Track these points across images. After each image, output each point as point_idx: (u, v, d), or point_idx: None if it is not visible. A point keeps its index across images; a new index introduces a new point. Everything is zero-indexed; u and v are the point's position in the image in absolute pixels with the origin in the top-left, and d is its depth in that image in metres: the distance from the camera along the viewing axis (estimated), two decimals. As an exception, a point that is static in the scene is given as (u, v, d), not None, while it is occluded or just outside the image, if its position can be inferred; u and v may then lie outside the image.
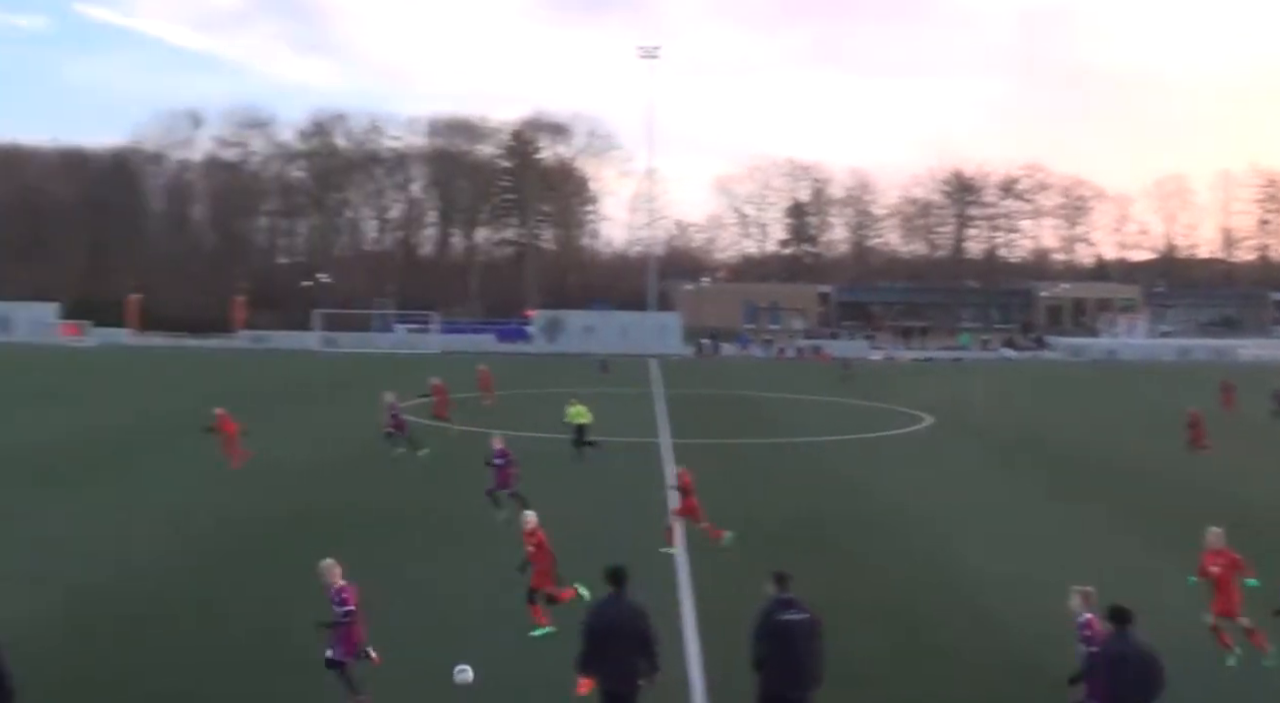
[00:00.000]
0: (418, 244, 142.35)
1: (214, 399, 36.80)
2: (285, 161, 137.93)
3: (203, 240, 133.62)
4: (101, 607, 18.23)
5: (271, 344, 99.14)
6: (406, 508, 26.60)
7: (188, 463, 32.10)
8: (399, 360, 78.38)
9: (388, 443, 34.42)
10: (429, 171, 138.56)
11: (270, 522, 25.07)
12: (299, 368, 73.39)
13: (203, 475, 30.29)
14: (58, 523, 24.36)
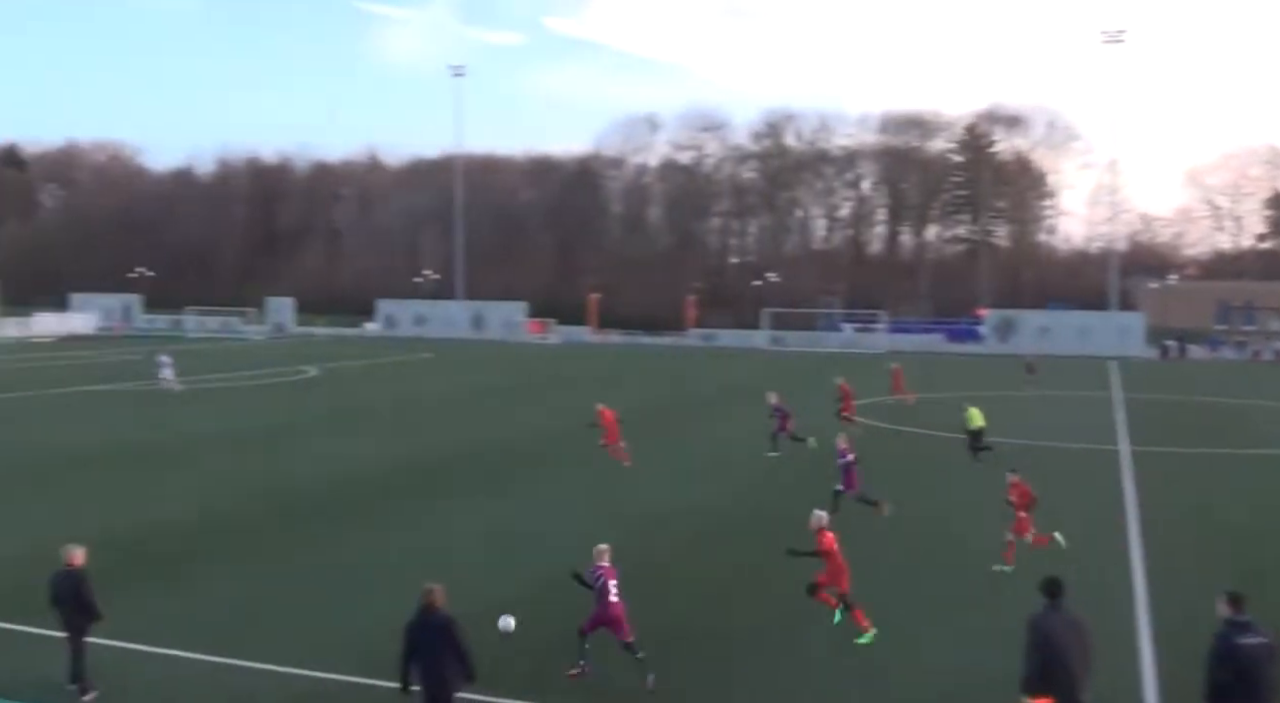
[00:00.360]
0: (866, 242, 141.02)
1: (662, 397, 37.26)
2: (737, 163, 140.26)
3: (658, 241, 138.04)
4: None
5: (721, 342, 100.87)
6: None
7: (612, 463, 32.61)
8: (844, 360, 77.41)
9: (772, 443, 34.44)
10: (879, 169, 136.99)
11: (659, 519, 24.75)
12: (745, 366, 74.00)
13: (636, 473, 30.63)
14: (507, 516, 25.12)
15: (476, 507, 26.80)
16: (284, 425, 41.54)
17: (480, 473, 31.28)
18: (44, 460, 32.89)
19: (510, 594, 18.61)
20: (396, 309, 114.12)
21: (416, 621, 12.57)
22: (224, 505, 26.75)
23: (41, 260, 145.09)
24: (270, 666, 15.71)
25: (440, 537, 23.73)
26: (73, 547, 15.10)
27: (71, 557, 14.94)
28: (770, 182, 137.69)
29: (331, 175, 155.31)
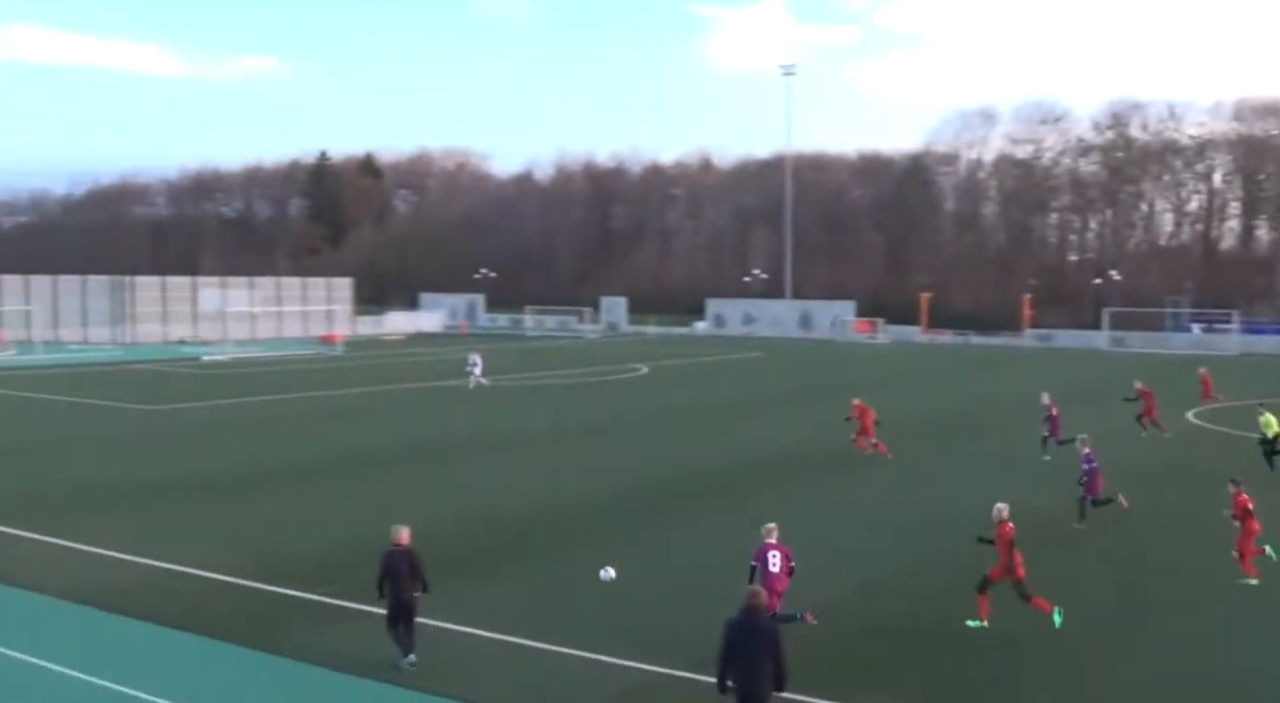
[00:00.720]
0: (1218, 238, 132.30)
1: (993, 396, 36.14)
2: (1078, 155, 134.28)
3: (992, 238, 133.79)
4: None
5: (1057, 343, 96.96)
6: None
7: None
8: (1190, 362, 72.87)
9: (1042, 448, 33.35)
10: (1232, 159, 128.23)
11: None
12: (1081, 367, 70.78)
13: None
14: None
15: (803, 505, 26.56)
16: (615, 421, 42.44)
17: (807, 470, 31.03)
18: (381, 452, 34.76)
19: (834, 595, 18.30)
20: (725, 308, 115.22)
21: (738, 621, 12.43)
22: (556, 498, 27.52)
23: (394, 262, 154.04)
24: (595, 655, 15.99)
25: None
26: (400, 527, 16.16)
27: (399, 536, 15.98)
28: (1113, 175, 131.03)
29: (664, 177, 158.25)
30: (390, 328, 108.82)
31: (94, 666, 15.32)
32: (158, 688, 14.54)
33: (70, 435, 38.18)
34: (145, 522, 24.65)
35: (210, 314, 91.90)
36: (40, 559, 21.28)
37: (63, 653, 15.81)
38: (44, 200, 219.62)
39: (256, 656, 16.06)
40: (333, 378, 59.34)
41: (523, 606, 18.51)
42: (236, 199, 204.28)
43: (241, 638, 16.68)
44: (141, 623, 17.48)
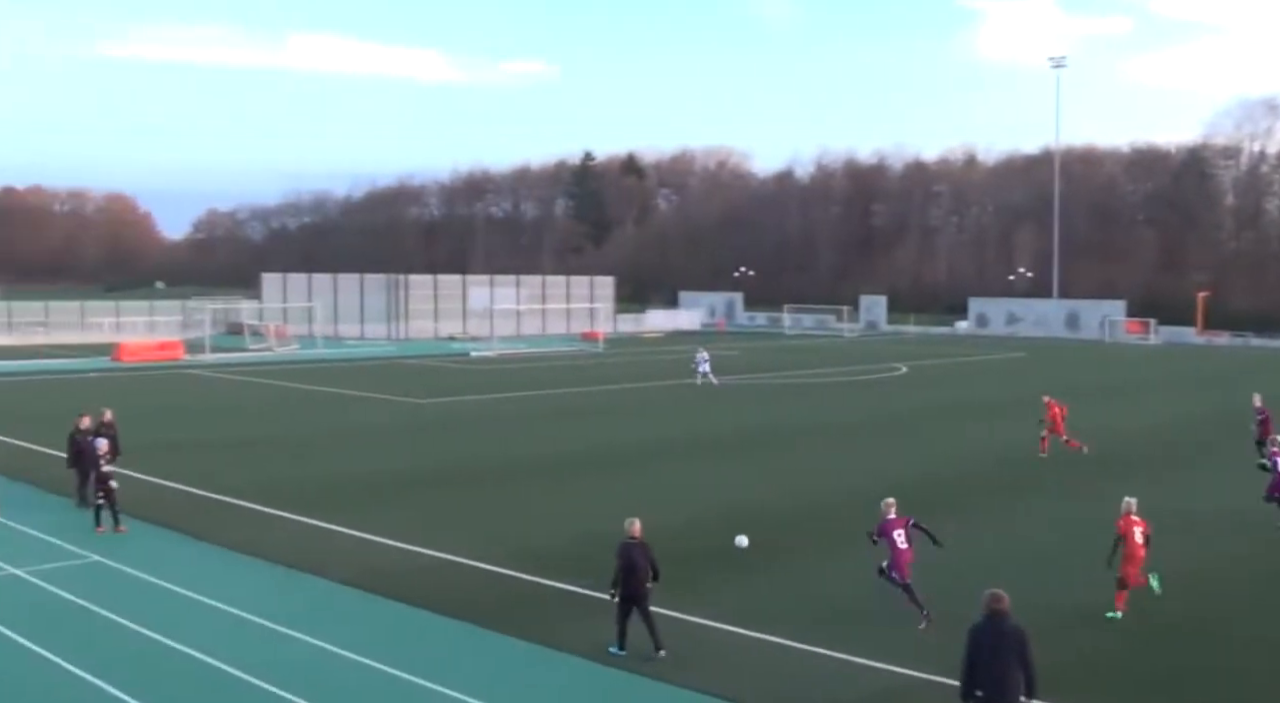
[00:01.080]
0: None
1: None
2: None
3: (1275, 236, 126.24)
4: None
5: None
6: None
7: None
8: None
9: (1258, 450, 30.83)
10: None
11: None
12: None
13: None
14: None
15: (1052, 511, 25.80)
16: (870, 420, 42.05)
17: (1055, 476, 30.11)
18: (638, 447, 35.36)
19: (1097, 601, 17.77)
20: (988, 308, 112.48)
21: (983, 626, 12.23)
22: (811, 495, 27.49)
23: (655, 261, 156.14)
24: (845, 655, 15.99)
25: (1024, 540, 23.06)
26: (633, 519, 16.73)
27: (633, 529, 16.55)
28: None
29: (926, 173, 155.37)
30: (650, 326, 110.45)
31: (369, 649, 16.21)
32: (429, 673, 15.29)
33: (349, 427, 40.20)
34: (417, 511, 25.80)
35: (478, 311, 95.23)
36: (327, 546, 22.55)
37: (344, 637, 16.76)
38: (326, 202, 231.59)
39: (518, 644, 16.65)
40: (594, 374, 60.68)
41: (775, 602, 18.62)
42: (505, 199, 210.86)
43: (504, 626, 17.30)
44: (414, 609, 18.36)
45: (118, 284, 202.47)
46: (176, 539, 22.84)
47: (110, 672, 15.10)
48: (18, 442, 33.76)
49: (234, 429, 38.85)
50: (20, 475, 28.89)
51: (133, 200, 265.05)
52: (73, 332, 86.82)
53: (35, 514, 24.72)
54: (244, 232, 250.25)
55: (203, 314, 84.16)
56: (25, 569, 20.28)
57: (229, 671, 15.25)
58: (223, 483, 27.88)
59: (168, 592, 19.16)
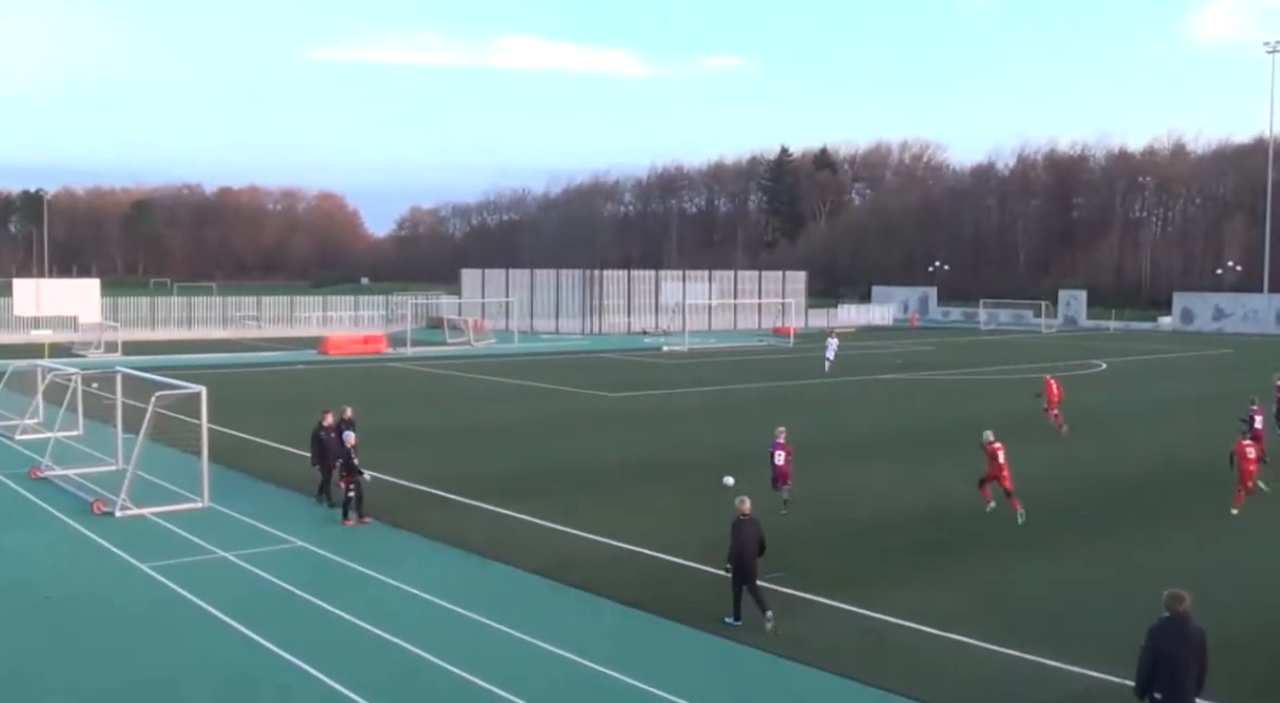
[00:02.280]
0: None
1: None
2: None
3: None
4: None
5: None
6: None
7: None
8: None
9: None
10: None
11: None
12: None
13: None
14: None
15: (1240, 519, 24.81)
16: (1070, 416, 41.01)
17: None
18: (817, 442, 35.20)
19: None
20: (1194, 303, 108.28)
21: (1165, 627, 12.00)
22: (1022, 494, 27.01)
23: (848, 255, 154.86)
24: (1034, 657, 15.71)
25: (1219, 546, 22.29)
26: (743, 497, 17.95)
27: (744, 506, 17.63)
28: None
29: (1130, 164, 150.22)
30: (841, 321, 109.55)
31: (558, 638, 16.61)
32: (615, 664, 15.60)
33: (542, 420, 40.96)
34: (608, 503, 26.23)
35: (671, 306, 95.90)
36: (514, 535, 23.13)
37: (530, 624, 17.20)
38: (524, 199, 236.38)
39: (704, 637, 16.83)
40: (782, 369, 60.52)
41: (963, 602, 18.40)
42: (699, 194, 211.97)
43: (691, 619, 17.47)
44: (600, 599, 18.72)
45: (325, 280, 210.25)
46: (378, 527, 23.69)
47: (313, 654, 15.81)
48: (231, 431, 35.40)
49: (431, 420, 40.01)
50: (233, 463, 30.29)
51: (342, 199, 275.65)
52: (282, 326, 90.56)
53: (246, 501, 25.91)
54: (445, 228, 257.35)
55: (404, 309, 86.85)
56: (234, 553, 21.33)
57: (423, 655, 15.82)
58: (421, 473, 28.76)
59: (368, 577, 19.91)
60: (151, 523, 23.75)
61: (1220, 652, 12.79)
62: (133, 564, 20.58)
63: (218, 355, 67.13)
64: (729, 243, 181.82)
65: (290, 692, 14.65)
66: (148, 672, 15.39)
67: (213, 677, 15.22)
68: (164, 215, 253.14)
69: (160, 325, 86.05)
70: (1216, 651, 12.32)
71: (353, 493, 23.96)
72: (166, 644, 16.47)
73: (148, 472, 26.60)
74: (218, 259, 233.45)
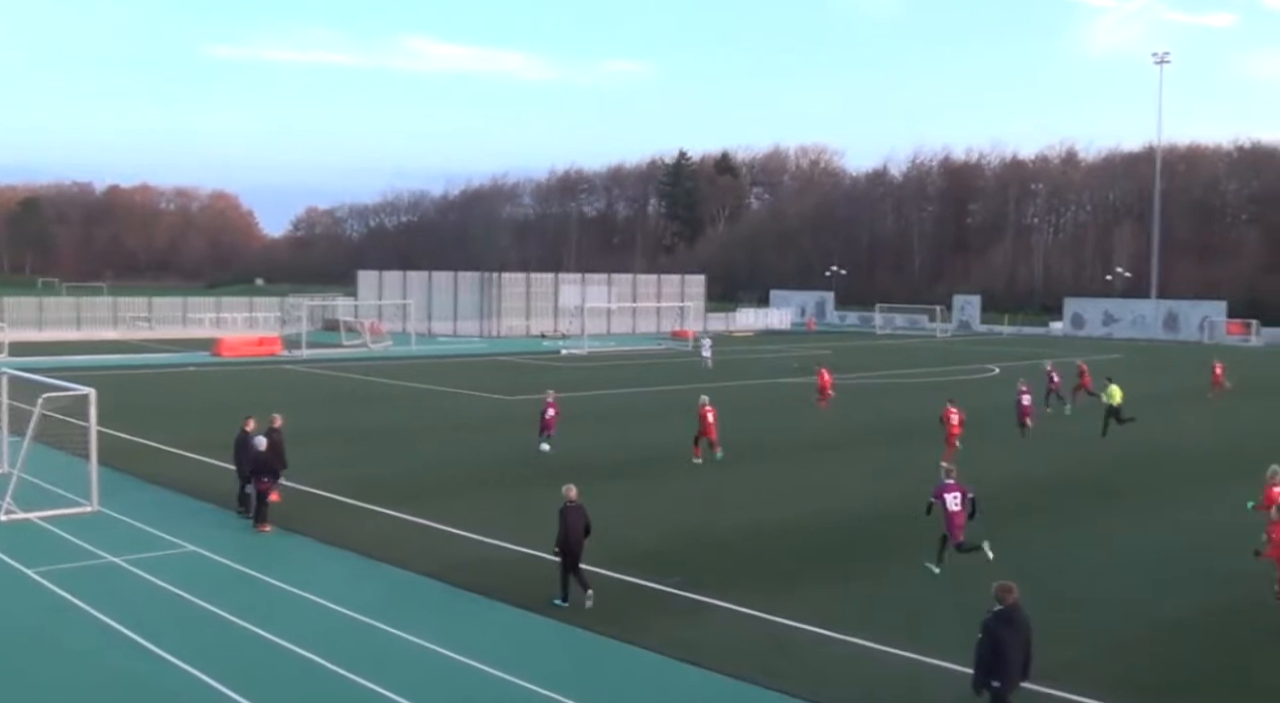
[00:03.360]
0: None
1: None
2: None
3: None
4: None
5: None
6: None
7: None
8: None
9: None
10: None
11: None
12: None
13: None
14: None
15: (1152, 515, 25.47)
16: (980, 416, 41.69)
17: (1134, 481, 29.66)
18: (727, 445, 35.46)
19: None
20: (1084, 308, 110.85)
21: (1001, 618, 12.69)
22: (899, 497, 27.38)
23: (746, 259, 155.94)
24: (940, 661, 15.92)
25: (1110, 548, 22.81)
26: (569, 485, 19.02)
27: (570, 493, 18.72)
28: None
29: (1023, 171, 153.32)
30: (740, 325, 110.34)
31: (454, 642, 16.51)
32: (505, 665, 15.54)
33: (439, 423, 40.73)
34: (502, 506, 26.14)
35: (569, 309, 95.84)
36: (411, 539, 22.95)
37: (424, 628, 17.09)
38: (423, 201, 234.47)
39: (603, 642, 16.87)
40: (683, 373, 60.78)
41: (860, 605, 18.61)
42: (598, 198, 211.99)
43: (594, 625, 17.45)
44: (495, 602, 18.64)
45: (219, 280, 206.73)
46: (271, 531, 23.35)
47: (205, 660, 15.54)
48: (121, 434, 34.69)
49: (325, 424, 39.53)
50: (123, 466, 29.70)
51: (236, 199, 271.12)
52: (175, 327, 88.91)
53: (136, 505, 25.41)
54: (342, 230, 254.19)
55: (300, 311, 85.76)
56: (124, 557, 20.91)
57: (316, 659, 15.64)
58: (314, 477, 28.43)
59: (259, 582, 19.65)
60: (38, 527, 23.19)
61: (1103, 653, 13.03)
62: (19, 570, 20.06)
63: (108, 357, 65.69)
64: (628, 246, 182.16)
65: (181, 699, 14.40)
66: (36, 680, 15.02)
67: (103, 685, 14.90)
68: (52, 213, 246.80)
69: (48, 326, 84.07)
70: (1095, 654, 12.59)
71: (270, 499, 23.79)
72: (55, 652, 16.08)
73: (35, 475, 25.98)
74: (108, 259, 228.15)
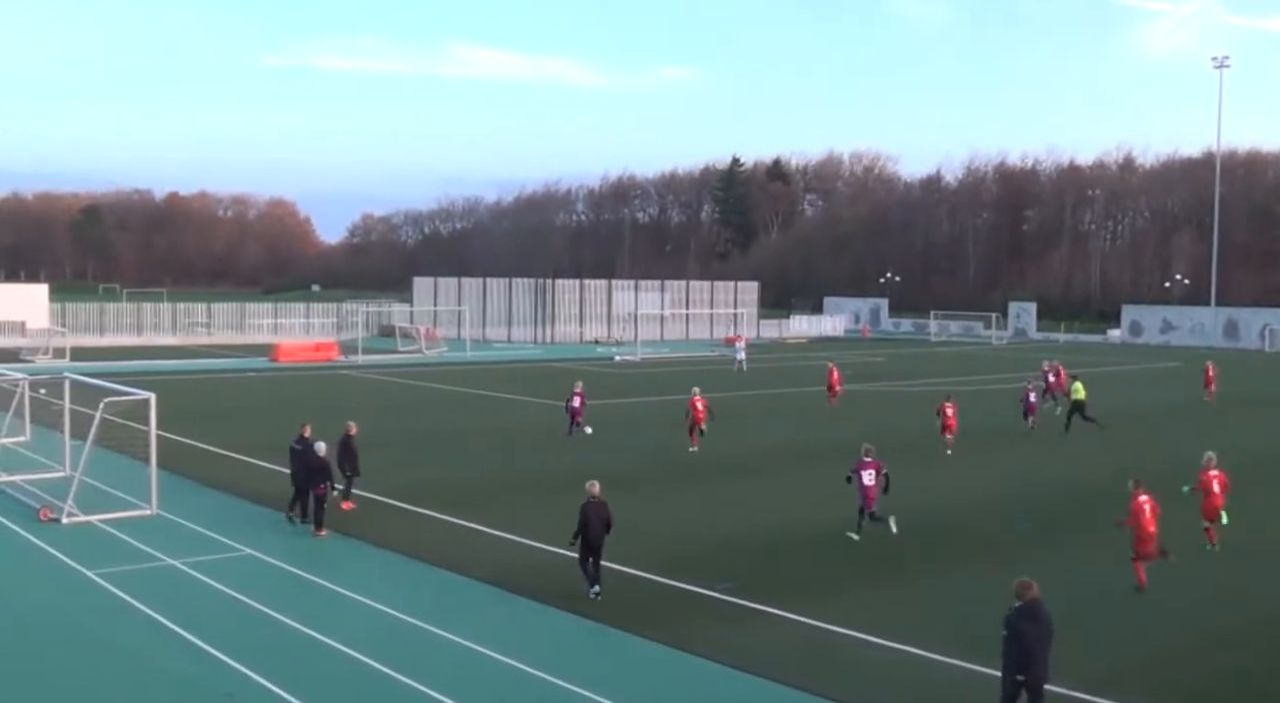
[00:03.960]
0: None
1: None
2: None
3: None
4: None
5: None
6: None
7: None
8: None
9: None
10: None
11: None
12: None
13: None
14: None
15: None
16: (1013, 428, 41.45)
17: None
18: (781, 451, 35.46)
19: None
20: (1142, 315, 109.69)
21: (1024, 613, 12.94)
22: (949, 505, 27.31)
23: (800, 266, 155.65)
24: (986, 669, 15.78)
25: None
26: (592, 481, 19.67)
27: (593, 489, 19.37)
28: None
29: (1080, 177, 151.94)
30: (793, 331, 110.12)
31: (502, 645, 16.68)
32: (559, 669, 15.70)
33: (493, 429, 41.00)
34: (556, 511, 26.30)
35: (623, 316, 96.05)
36: (459, 542, 23.18)
37: (473, 630, 17.29)
38: (477, 208, 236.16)
39: (651, 647, 16.95)
40: (735, 380, 60.77)
41: (909, 612, 18.64)
42: (652, 204, 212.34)
43: (640, 629, 17.57)
44: (544, 607, 18.83)
45: (276, 287, 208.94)
46: (328, 535, 23.65)
47: (256, 660, 15.83)
48: (180, 438, 35.21)
49: (380, 429, 39.86)
50: (182, 470, 30.17)
51: (293, 206, 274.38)
52: (233, 332, 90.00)
53: (195, 508, 25.83)
54: (398, 236, 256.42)
55: (356, 317, 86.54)
56: (182, 560, 21.29)
57: (370, 663, 15.87)
58: (369, 482, 28.71)
59: (316, 586, 19.95)
60: (99, 530, 23.64)
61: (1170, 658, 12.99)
62: (79, 572, 20.49)
63: (167, 362, 66.63)
64: (682, 253, 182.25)
65: (236, 700, 14.66)
66: (94, 680, 15.36)
67: (158, 685, 15.21)
68: (113, 221, 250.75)
69: (109, 331, 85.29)
70: (1171, 657, 12.55)
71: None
72: (113, 652, 16.43)
73: (95, 478, 26.47)
74: (167, 265, 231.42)
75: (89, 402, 27.28)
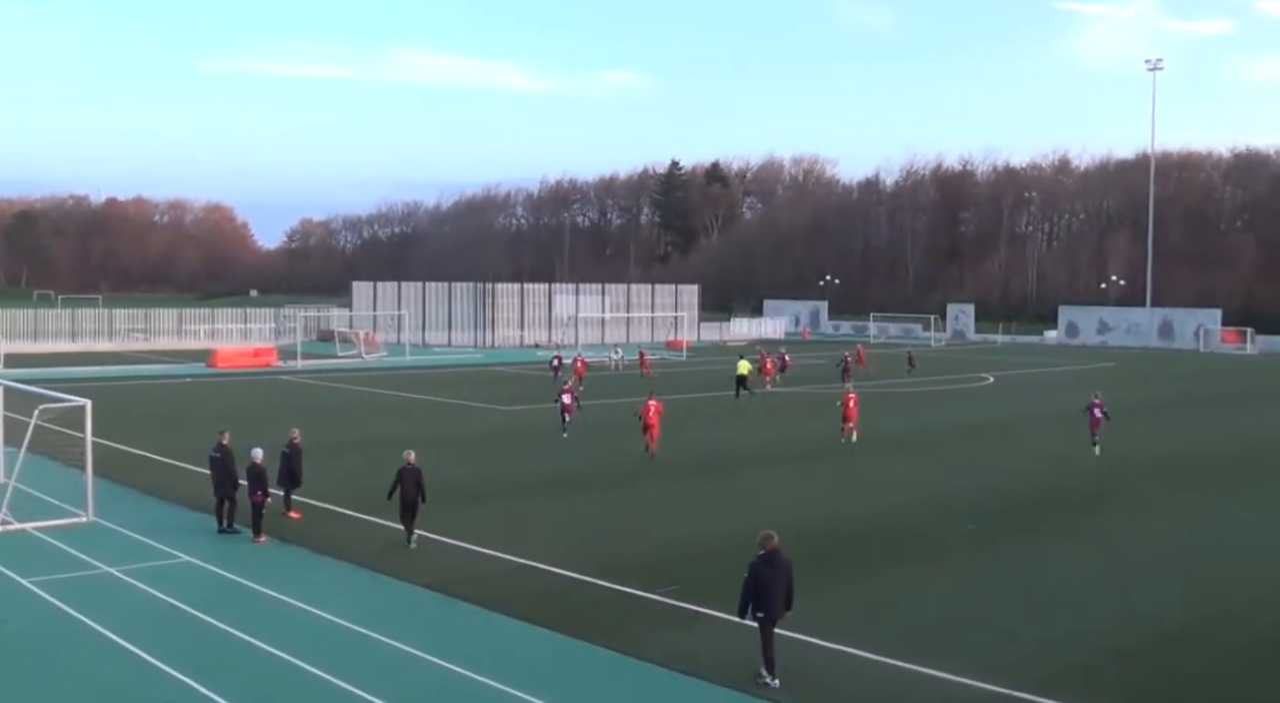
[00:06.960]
0: None
1: None
2: None
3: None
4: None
5: None
6: None
7: None
8: None
9: None
10: None
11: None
12: None
13: None
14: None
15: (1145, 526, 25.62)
16: (958, 430, 41.84)
17: (1125, 489, 29.81)
18: (736, 454, 35.54)
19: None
20: (1079, 316, 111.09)
21: (764, 560, 15.29)
22: (894, 508, 27.48)
23: (740, 269, 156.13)
24: (926, 669, 15.91)
25: (1118, 555, 22.94)
26: (409, 450, 23.52)
27: (409, 457, 23.10)
28: None
29: (1017, 179, 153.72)
30: (734, 334, 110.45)
31: (443, 651, 16.57)
32: (506, 677, 15.60)
33: (433, 434, 40.74)
34: (500, 517, 26.20)
35: (564, 320, 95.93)
36: (401, 547, 22.98)
37: (420, 639, 17.17)
38: (416, 212, 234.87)
39: (599, 652, 16.84)
40: (676, 382, 60.84)
41: (854, 616, 18.71)
42: (591, 208, 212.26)
43: (587, 634, 17.44)
44: (491, 613, 18.67)
45: (213, 292, 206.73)
46: (268, 542, 23.41)
47: (198, 670, 15.61)
48: (116, 445, 34.75)
49: (321, 434, 39.50)
50: (118, 477, 29.76)
51: (231, 211, 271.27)
52: (170, 338, 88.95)
53: (132, 515, 25.48)
54: (336, 241, 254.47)
55: (294, 322, 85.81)
56: (119, 568, 20.98)
57: (311, 670, 15.70)
58: (310, 487, 28.42)
59: (254, 592, 19.72)
60: (34, 538, 23.26)
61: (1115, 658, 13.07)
62: (15, 580, 20.14)
63: (103, 368, 65.70)
64: (622, 256, 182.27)
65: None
66: (31, 690, 15.08)
67: (96, 695, 14.98)
68: (48, 226, 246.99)
69: (44, 338, 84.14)
70: (1116, 657, 12.62)
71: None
72: (50, 662, 16.15)
73: (30, 486, 26.08)
74: (104, 271, 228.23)
75: (23, 409, 26.85)
